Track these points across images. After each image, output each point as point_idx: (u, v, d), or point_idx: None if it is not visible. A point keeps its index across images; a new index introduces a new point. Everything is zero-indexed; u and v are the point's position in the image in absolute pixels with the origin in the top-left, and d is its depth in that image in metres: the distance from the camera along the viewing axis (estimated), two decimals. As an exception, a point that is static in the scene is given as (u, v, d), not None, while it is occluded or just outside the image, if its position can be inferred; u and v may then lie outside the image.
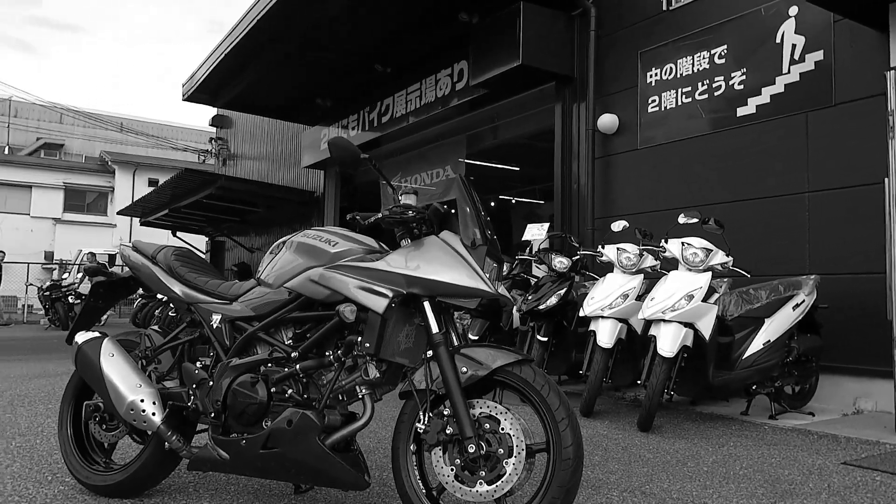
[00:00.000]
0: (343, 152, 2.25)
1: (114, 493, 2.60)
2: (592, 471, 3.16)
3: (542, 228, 5.71)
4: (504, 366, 2.15)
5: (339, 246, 2.40)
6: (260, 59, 9.81)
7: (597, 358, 4.43)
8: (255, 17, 8.68)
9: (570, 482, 2.04)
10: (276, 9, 8.21)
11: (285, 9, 8.19)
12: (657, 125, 6.37)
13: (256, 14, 8.61)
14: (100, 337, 2.63)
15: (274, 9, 8.22)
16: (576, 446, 2.07)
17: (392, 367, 2.34)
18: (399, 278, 2.23)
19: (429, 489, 2.23)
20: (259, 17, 8.55)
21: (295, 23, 8.61)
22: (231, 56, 9.72)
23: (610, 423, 4.34)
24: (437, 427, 2.13)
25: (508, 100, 8.23)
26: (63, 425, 2.78)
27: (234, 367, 2.41)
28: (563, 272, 5.23)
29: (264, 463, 2.30)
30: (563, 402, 2.11)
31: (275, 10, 8.26)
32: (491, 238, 2.31)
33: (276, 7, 8.16)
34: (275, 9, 8.21)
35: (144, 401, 2.46)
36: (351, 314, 2.22)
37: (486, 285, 2.18)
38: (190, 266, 2.71)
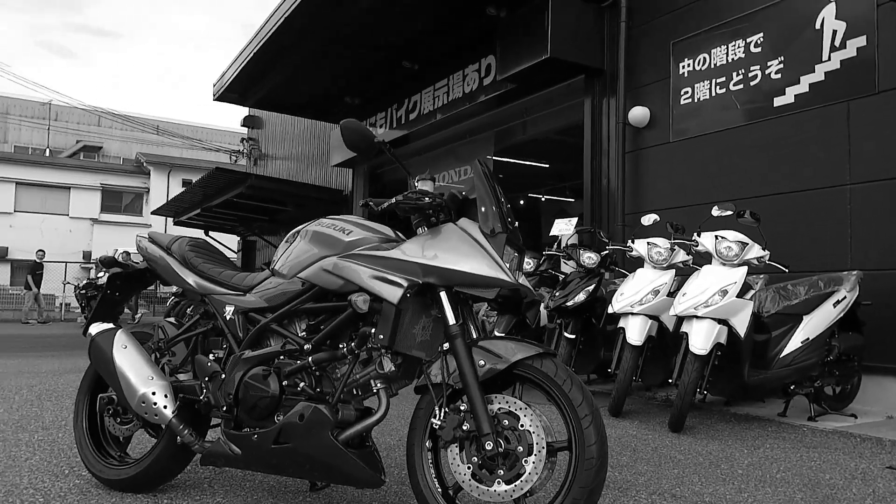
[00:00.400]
0: (355, 136, 2.16)
1: (127, 487, 2.55)
2: (620, 472, 3.03)
3: (570, 223, 5.57)
4: (524, 359, 2.04)
5: (353, 234, 2.31)
6: (288, 57, 9.81)
7: (626, 356, 4.28)
8: (282, 15, 8.68)
9: (593, 482, 1.92)
10: (303, 6, 8.19)
11: (312, 6, 8.17)
12: (690, 117, 6.19)
13: (284, 12, 8.60)
14: (113, 328, 2.59)
15: (301, 6, 8.20)
16: (599, 445, 1.95)
17: (408, 361, 2.25)
18: (415, 267, 2.13)
19: (445, 488, 2.13)
20: (286, 14, 8.55)
21: (322, 20, 8.59)
22: (259, 55, 9.74)
23: (640, 424, 4.19)
24: (454, 423, 2.03)
25: (537, 94, 8.10)
26: (78, 418, 2.74)
27: (247, 359, 2.34)
28: (592, 268, 5.09)
29: (276, 458, 2.22)
30: (586, 398, 1.99)
31: (302, 8, 8.24)
32: (512, 226, 2.20)
33: (303, 5, 8.15)
34: (302, 6, 8.19)
35: (156, 393, 2.41)
36: (364, 304, 2.13)
37: (506, 274, 2.08)
38: (204, 256, 2.65)
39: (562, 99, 8.01)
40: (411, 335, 2.21)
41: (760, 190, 5.51)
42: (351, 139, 2.15)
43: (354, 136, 2.15)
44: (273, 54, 9.66)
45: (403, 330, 2.18)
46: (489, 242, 2.13)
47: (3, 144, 35.91)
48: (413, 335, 2.22)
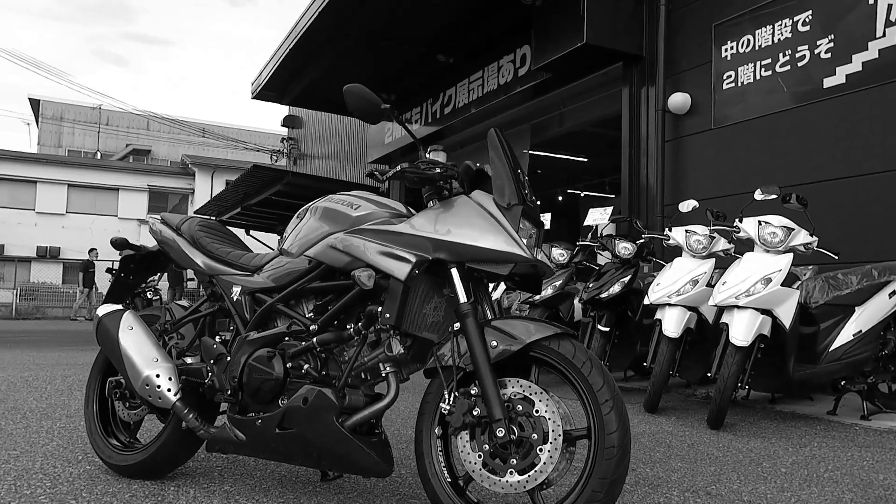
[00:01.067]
0: (361, 101, 2.02)
1: (134, 473, 2.47)
2: (652, 468, 2.84)
3: (605, 213, 5.36)
4: (540, 340, 1.88)
5: (361, 209, 2.19)
6: (322, 53, 9.80)
7: (662, 348, 4.07)
8: (316, 10, 8.66)
9: (614, 474, 1.75)
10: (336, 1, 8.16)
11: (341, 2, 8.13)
12: (733, 102, 5.92)
13: (317, 7, 8.58)
14: (121, 310, 2.52)
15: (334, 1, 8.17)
16: (621, 433, 1.78)
17: (419, 343, 2.11)
18: (424, 242, 2.00)
19: (455, 478, 1.98)
20: (318, 10, 8.52)
21: (353, 15, 8.54)
22: (294, 52, 9.76)
23: (677, 420, 3.97)
24: (464, 408, 1.88)
25: (573, 84, 7.89)
26: (89, 403, 2.68)
27: (252, 341, 2.24)
28: (628, 258, 4.88)
29: (280, 444, 2.11)
30: (607, 382, 1.83)
31: (335, 2, 8.21)
32: (529, 199, 2.05)
33: (333, 0, 8.12)
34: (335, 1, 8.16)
35: (160, 376, 2.32)
36: (368, 280, 2.00)
37: (521, 249, 1.93)
38: (214, 237, 2.56)
39: (599, 89, 7.79)
40: (422, 315, 2.08)
41: (809, 176, 5.21)
42: (356, 105, 2.02)
43: (360, 102, 2.02)
44: (307, 51, 9.67)
45: (413, 309, 2.04)
46: (504, 216, 1.98)
47: (57, 149, 37.06)
48: (424, 316, 2.09)
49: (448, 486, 1.95)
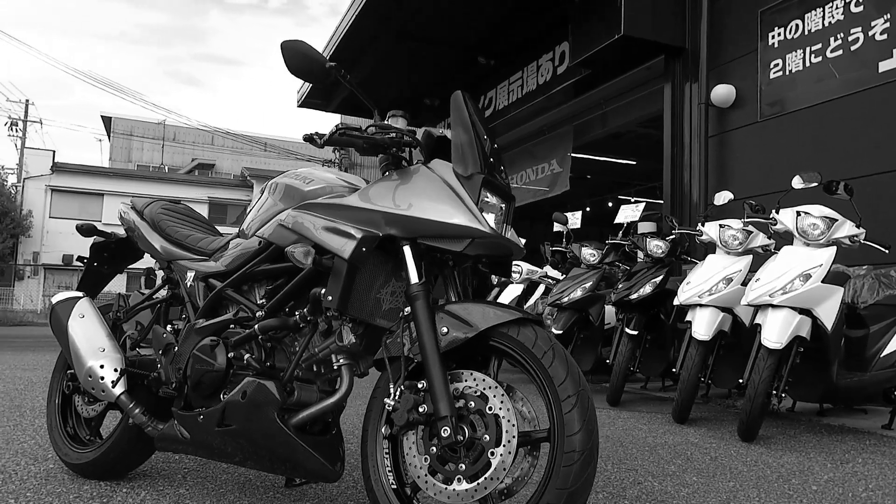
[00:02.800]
0: (300, 59, 1.79)
1: (88, 472, 2.32)
2: (661, 482, 2.52)
3: (637, 209, 5.02)
4: (497, 326, 1.63)
5: (314, 184, 1.98)
6: (363, 59, 9.74)
7: (691, 352, 3.71)
8: (353, 14, 8.59)
9: (573, 483, 1.48)
10: (369, 5, 8.07)
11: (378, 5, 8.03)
12: (781, 92, 5.49)
13: (355, 10, 8.51)
14: (76, 297, 2.38)
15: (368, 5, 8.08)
16: (585, 435, 1.51)
17: (375, 332, 1.88)
18: (373, 216, 1.77)
19: (402, 484, 1.74)
20: (357, 12, 8.45)
21: (393, 18, 8.44)
22: (335, 57, 9.71)
23: (706, 432, 3.61)
24: (408, 404, 1.64)
25: (614, 81, 7.55)
26: (52, 396, 2.54)
27: (199, 329, 2.05)
28: (661, 257, 4.53)
29: (220, 443, 1.91)
30: (571, 375, 1.56)
31: (369, 7, 8.12)
32: (495, 169, 1.80)
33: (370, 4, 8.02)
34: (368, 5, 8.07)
35: (104, 367, 2.16)
36: (304, 256, 1.78)
37: (478, 222, 1.68)
38: (176, 219, 2.40)
39: (642, 86, 7.43)
40: (374, 301, 1.85)
41: (864, 168, 4.75)
42: (295, 63, 1.80)
43: (300, 59, 1.80)
44: (347, 56, 9.61)
45: (363, 293, 1.82)
46: (463, 185, 1.74)
47: (127, 164, 38.53)
48: (378, 301, 1.86)
49: (392, 494, 1.71)
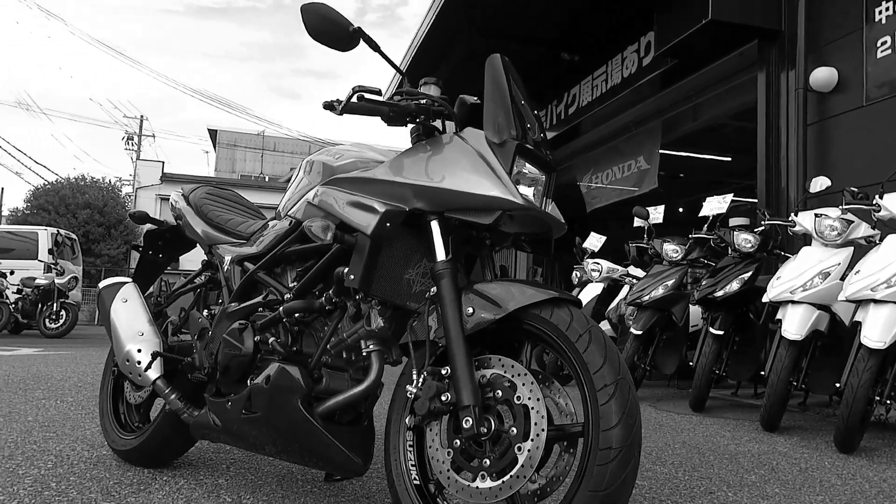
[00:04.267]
0: (324, 23, 1.66)
1: (133, 458, 2.31)
2: (737, 492, 2.25)
3: (725, 200, 4.64)
4: (528, 307, 1.46)
5: (343, 158, 1.88)
6: (444, 61, 9.68)
7: (781, 353, 3.37)
8: (435, 11, 8.54)
9: (608, 485, 1.29)
10: (449, 2, 7.99)
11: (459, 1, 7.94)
12: (891, 72, 4.97)
13: (436, 9, 8.46)
14: (121, 282, 2.37)
15: (448, 2, 8.01)
16: (624, 430, 1.31)
17: (402, 316, 1.75)
18: (398, 189, 1.64)
19: (427, 481, 1.59)
20: (438, 11, 8.39)
21: (472, 18, 8.33)
22: (416, 61, 9.71)
23: (798, 441, 3.26)
24: (430, 391, 1.49)
25: (704, 71, 7.11)
26: (104, 383, 2.57)
27: (231, 313, 1.99)
28: (750, 252, 4.18)
29: (246, 430, 1.84)
30: (609, 362, 1.37)
31: (449, 4, 8.04)
32: (535, 137, 1.64)
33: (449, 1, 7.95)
34: (448, 3, 8.00)
35: (142, 350, 2.13)
36: (322, 231, 1.66)
37: (510, 193, 1.51)
38: (218, 204, 2.36)
39: (735, 74, 6.97)
40: (403, 281, 1.72)
41: None
42: (317, 28, 1.67)
43: (322, 24, 1.67)
44: (428, 59, 9.58)
45: (389, 273, 1.69)
46: (495, 153, 1.58)
47: (231, 174, 40.43)
48: (407, 282, 1.73)
49: (413, 491, 1.56)
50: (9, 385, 4.20)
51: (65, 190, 25.86)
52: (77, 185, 26.51)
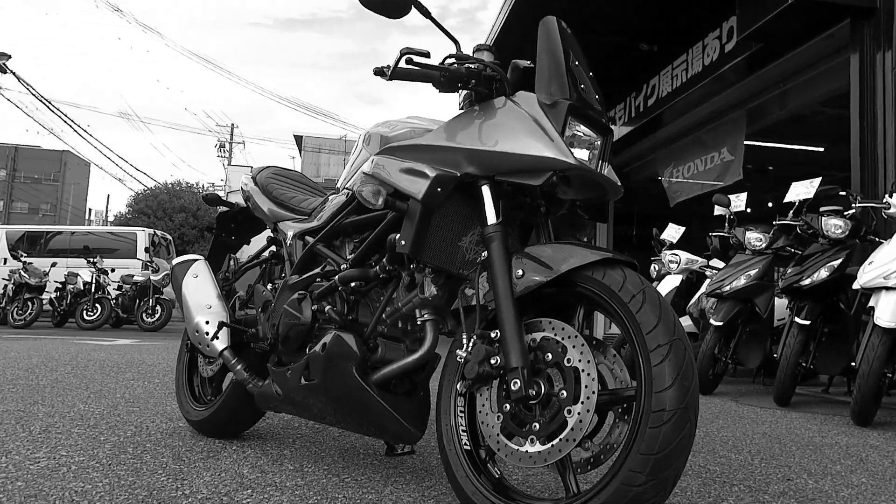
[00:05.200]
0: None
1: (204, 429, 2.40)
2: (818, 481, 2.12)
3: (812, 185, 4.38)
4: (580, 269, 1.42)
5: (399, 128, 1.88)
6: (523, 52, 9.60)
7: (873, 342, 3.15)
8: (510, 4, 8.50)
9: (661, 448, 1.23)
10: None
11: None
12: None
13: (508, 5, 8.42)
14: (193, 259, 2.47)
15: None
16: (678, 391, 1.26)
17: (456, 284, 1.74)
18: (449, 154, 1.63)
19: (478, 446, 1.57)
20: (511, 6, 8.35)
21: (551, 7, 8.23)
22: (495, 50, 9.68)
23: (893, 435, 3.03)
24: (479, 355, 1.48)
25: (791, 54, 6.76)
26: (180, 358, 2.67)
27: (292, 285, 2.03)
28: (840, 238, 3.93)
29: (305, 398, 1.87)
30: (664, 322, 1.31)
31: (521, 0, 7.99)
32: (589, 97, 1.59)
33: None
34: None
35: (209, 322, 2.21)
36: (373, 196, 1.67)
37: (560, 153, 1.48)
38: (283, 183, 2.42)
39: (826, 58, 6.60)
40: (456, 248, 1.71)
41: None
42: None
43: None
44: (507, 51, 9.53)
45: (442, 239, 1.68)
46: (547, 115, 1.55)
47: (316, 178, 41.65)
48: (460, 249, 1.71)
49: (464, 456, 1.55)
50: (103, 369, 4.45)
51: (162, 195, 27.29)
52: (173, 191, 27.93)
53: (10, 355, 5.10)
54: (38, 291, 10.83)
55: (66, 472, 1.83)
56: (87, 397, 3.18)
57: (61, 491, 1.66)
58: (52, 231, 15.11)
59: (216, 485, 1.78)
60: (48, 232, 14.82)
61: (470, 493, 1.48)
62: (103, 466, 1.91)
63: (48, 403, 2.95)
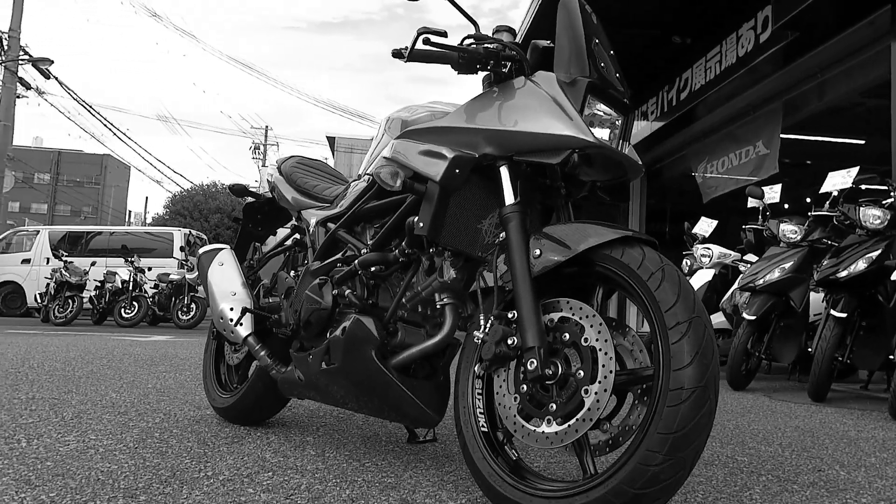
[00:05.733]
0: None
1: (230, 416, 2.42)
2: (850, 472, 2.06)
3: (850, 174, 4.26)
4: (598, 247, 1.40)
5: (419, 112, 1.88)
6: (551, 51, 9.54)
7: (912, 334, 3.05)
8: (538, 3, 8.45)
9: (679, 427, 1.21)
10: None
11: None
12: None
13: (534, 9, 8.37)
14: (219, 248, 2.49)
15: None
16: (697, 370, 1.23)
17: (475, 268, 1.72)
18: (470, 135, 1.62)
19: (494, 428, 1.56)
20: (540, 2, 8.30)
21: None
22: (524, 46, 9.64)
23: (934, 430, 2.94)
24: (497, 335, 1.46)
25: (829, 43, 6.59)
26: (208, 346, 2.71)
27: (314, 271, 2.04)
28: (879, 229, 3.82)
29: (325, 382, 1.88)
30: (683, 300, 1.29)
31: None
32: (608, 76, 1.57)
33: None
34: None
35: (234, 309, 2.23)
36: (391, 178, 1.67)
37: (580, 131, 1.46)
38: (306, 171, 2.44)
39: (866, 46, 6.41)
40: (475, 231, 1.70)
41: None
42: None
43: None
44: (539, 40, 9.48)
45: (462, 222, 1.67)
46: (565, 92, 1.53)
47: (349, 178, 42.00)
48: (480, 233, 1.70)
49: (481, 438, 1.53)
50: (137, 362, 4.54)
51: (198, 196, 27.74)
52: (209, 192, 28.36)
53: (50, 349, 5.23)
54: (79, 290, 11.08)
55: (94, 454, 1.87)
56: (120, 387, 3.25)
57: (88, 471, 1.70)
58: (93, 231, 15.46)
59: (238, 467, 1.80)
60: (89, 232, 15.18)
61: (487, 474, 1.47)
62: (130, 449, 1.95)
63: (82, 392, 3.02)
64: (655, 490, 1.22)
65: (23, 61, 16.28)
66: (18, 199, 50.81)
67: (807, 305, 4.42)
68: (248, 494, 1.56)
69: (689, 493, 1.73)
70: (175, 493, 1.54)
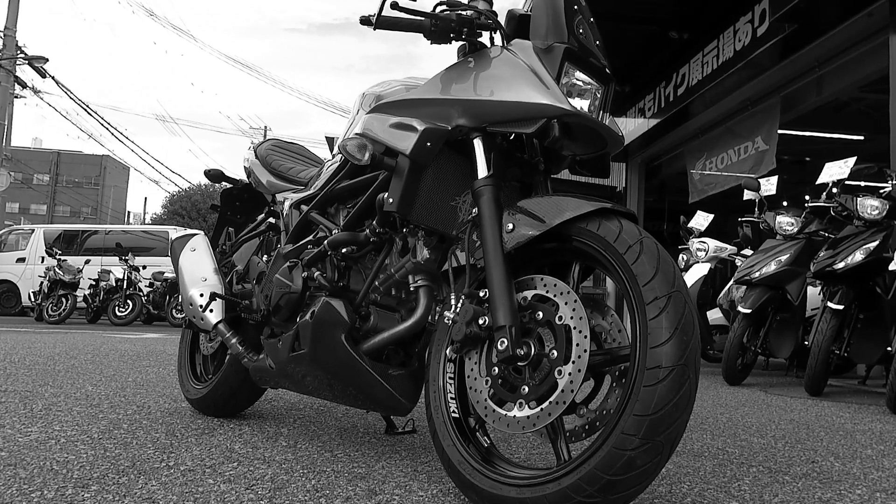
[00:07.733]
0: None
1: (202, 407, 2.34)
2: (845, 463, 1.98)
3: (847, 164, 4.18)
4: (573, 220, 1.31)
5: (389, 86, 1.80)
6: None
7: (910, 325, 2.97)
8: None
9: (656, 408, 1.12)
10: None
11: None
12: None
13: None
14: (192, 234, 2.41)
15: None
16: (676, 347, 1.14)
17: (450, 248, 1.64)
18: (442, 107, 1.54)
19: (466, 414, 1.47)
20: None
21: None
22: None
23: (933, 423, 2.85)
24: (467, 315, 1.38)
25: (828, 36, 6.50)
26: (183, 337, 2.63)
27: (285, 254, 1.96)
28: (876, 219, 3.74)
29: (295, 369, 1.80)
30: (662, 273, 1.20)
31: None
32: (586, 43, 1.49)
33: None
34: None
35: (203, 295, 2.14)
36: (358, 150, 1.59)
37: (555, 99, 1.38)
38: (282, 154, 2.36)
39: (864, 40, 6.33)
40: (450, 209, 1.62)
41: None
42: None
43: None
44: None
45: (434, 198, 1.59)
46: (541, 59, 1.44)
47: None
48: (453, 209, 1.62)
49: (450, 423, 1.45)
50: (122, 357, 4.45)
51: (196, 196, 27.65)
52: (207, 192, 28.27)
53: (36, 346, 5.15)
54: (72, 288, 11.00)
55: (54, 445, 1.79)
56: (98, 380, 3.17)
57: (42, 461, 1.61)
58: (88, 230, 15.38)
59: (203, 458, 1.72)
60: (84, 231, 15.09)
61: (456, 462, 1.38)
62: (93, 440, 1.86)
63: (57, 385, 2.94)
64: (631, 476, 1.13)
65: (19, 60, 16.21)
66: (17, 199, 50.74)
67: (804, 299, 4.34)
68: (208, 485, 1.48)
69: (675, 485, 1.64)
70: (130, 484, 1.46)
